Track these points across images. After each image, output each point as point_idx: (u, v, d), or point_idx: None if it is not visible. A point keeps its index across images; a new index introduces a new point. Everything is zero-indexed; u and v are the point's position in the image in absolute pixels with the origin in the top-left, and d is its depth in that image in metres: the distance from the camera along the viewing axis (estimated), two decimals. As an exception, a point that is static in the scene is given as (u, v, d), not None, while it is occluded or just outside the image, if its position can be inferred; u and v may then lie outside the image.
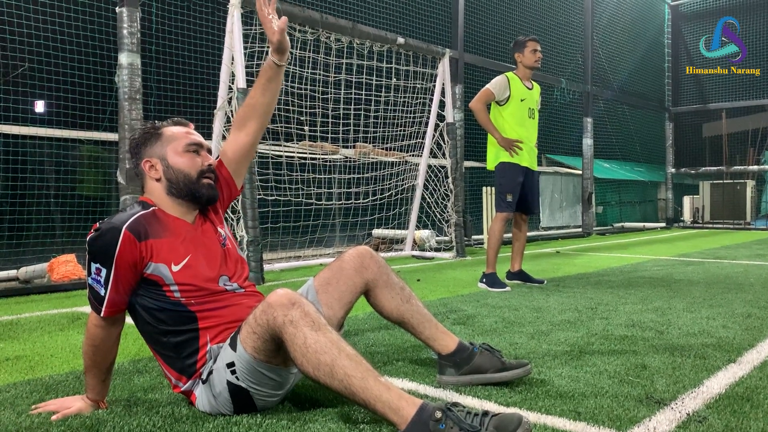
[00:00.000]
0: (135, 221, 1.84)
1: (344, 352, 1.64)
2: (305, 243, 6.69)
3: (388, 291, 2.20)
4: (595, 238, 10.84)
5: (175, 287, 1.88)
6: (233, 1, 5.27)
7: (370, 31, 6.54)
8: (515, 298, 4.21)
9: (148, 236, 1.85)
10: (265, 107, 2.14)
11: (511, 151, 4.75)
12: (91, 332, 1.89)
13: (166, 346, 1.93)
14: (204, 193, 1.99)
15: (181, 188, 1.96)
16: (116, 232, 1.80)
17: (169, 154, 1.98)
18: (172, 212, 1.97)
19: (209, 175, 2.01)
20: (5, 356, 2.76)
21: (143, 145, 2.00)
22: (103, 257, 1.80)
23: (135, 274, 1.85)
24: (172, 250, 1.88)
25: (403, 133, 7.33)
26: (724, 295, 4.20)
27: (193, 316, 1.90)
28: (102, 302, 1.83)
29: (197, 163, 1.99)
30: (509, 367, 2.18)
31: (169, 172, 1.97)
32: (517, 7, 10.88)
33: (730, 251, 7.68)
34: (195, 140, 2.02)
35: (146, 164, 1.98)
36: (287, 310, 1.67)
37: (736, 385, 2.18)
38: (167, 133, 2.01)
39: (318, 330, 1.65)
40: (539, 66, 5.04)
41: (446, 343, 2.20)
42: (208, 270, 1.94)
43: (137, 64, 5.04)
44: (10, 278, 5.05)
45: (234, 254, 2.07)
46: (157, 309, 1.89)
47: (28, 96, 5.70)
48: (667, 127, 15.07)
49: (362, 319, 3.41)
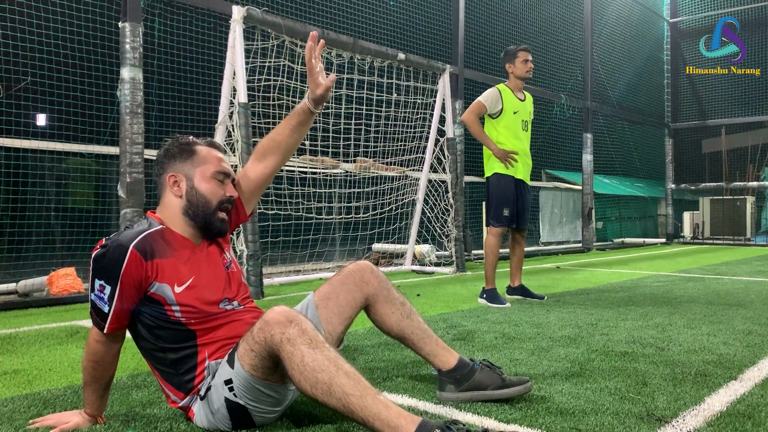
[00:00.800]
0: (142, 240, 1.84)
1: (342, 370, 1.63)
2: (305, 257, 6.69)
3: (388, 306, 2.19)
4: (595, 254, 10.83)
5: (176, 307, 1.87)
6: (235, 16, 5.30)
7: (371, 47, 6.58)
8: (515, 313, 4.19)
9: (155, 255, 1.84)
10: (289, 147, 2.13)
11: (507, 162, 4.71)
12: (92, 347, 1.88)
13: (164, 362, 1.92)
14: (217, 226, 1.98)
15: (198, 213, 1.95)
16: (123, 250, 1.79)
17: (196, 176, 1.96)
18: (181, 231, 1.96)
19: (227, 206, 2.00)
20: (3, 370, 2.74)
21: (174, 158, 1.98)
22: (108, 275, 1.79)
23: (139, 293, 1.84)
24: (176, 270, 1.88)
25: (403, 147, 7.35)
26: (725, 311, 4.19)
27: (193, 333, 1.90)
28: (105, 319, 1.82)
29: (220, 192, 1.98)
30: (509, 384, 2.16)
31: (192, 194, 1.96)
32: (516, 23, 10.96)
33: (730, 267, 7.67)
34: (225, 169, 2.01)
35: (171, 179, 1.97)
36: (284, 328, 1.66)
37: (738, 403, 2.16)
38: (201, 153, 1.99)
39: (315, 348, 1.64)
40: (530, 76, 4.99)
41: (446, 359, 2.19)
42: (210, 293, 1.93)
43: (139, 79, 5.07)
44: (9, 291, 5.04)
45: (238, 277, 2.07)
46: (157, 327, 1.89)
47: (30, 109, 5.72)
48: (666, 143, 15.13)
49: (362, 335, 3.40)
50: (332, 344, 2.07)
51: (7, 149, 5.23)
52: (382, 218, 7.29)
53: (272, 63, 5.65)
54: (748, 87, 14.24)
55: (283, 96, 5.77)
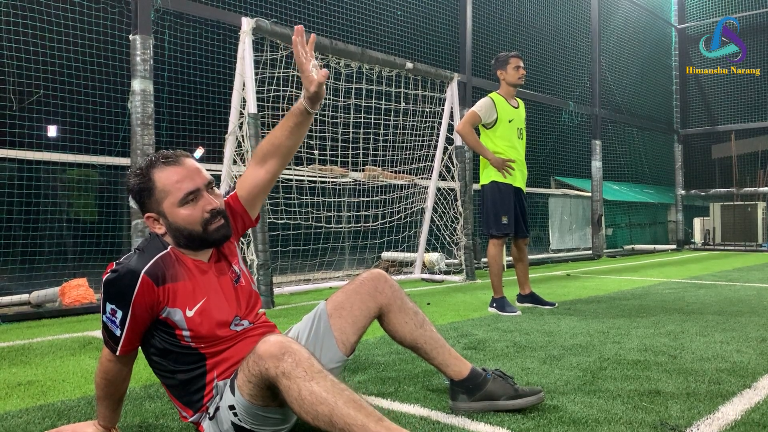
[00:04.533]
0: (154, 265, 1.81)
1: (342, 399, 1.58)
2: (315, 266, 6.70)
3: (402, 316, 2.17)
4: (605, 261, 10.78)
5: (186, 332, 1.85)
6: (244, 28, 5.35)
7: (379, 56, 6.61)
8: (526, 322, 4.18)
9: (166, 280, 1.81)
10: (288, 149, 2.06)
11: (504, 171, 4.67)
12: (104, 366, 1.89)
13: (173, 382, 1.92)
14: (215, 238, 1.91)
15: (189, 241, 1.89)
16: (135, 276, 1.76)
17: (167, 212, 1.87)
18: (187, 254, 1.92)
19: (216, 219, 1.90)
20: (17, 381, 2.76)
21: (140, 199, 1.90)
22: (119, 300, 1.78)
23: (151, 317, 1.82)
24: (187, 294, 1.85)
25: (412, 156, 7.37)
26: (738, 318, 4.16)
27: (203, 356, 1.88)
28: (118, 342, 1.82)
29: (198, 214, 1.86)
30: (522, 394, 2.16)
31: (172, 229, 1.88)
32: (524, 30, 10.97)
33: (742, 274, 7.62)
34: (190, 189, 1.85)
35: (149, 219, 1.91)
36: (278, 362, 1.60)
37: (752, 411, 2.15)
38: (158, 185, 1.86)
39: (312, 379, 1.59)
40: (522, 83, 4.89)
41: (459, 369, 2.18)
42: (220, 314, 1.90)
43: (150, 90, 5.12)
44: (22, 302, 5.07)
45: (247, 290, 2.02)
46: (167, 350, 1.88)
47: (43, 122, 5.77)
48: (676, 149, 15.06)
49: (372, 344, 3.40)
50: (347, 352, 2.07)
51: (20, 161, 5.28)
52: (392, 227, 7.30)
53: (281, 74, 5.69)
54: (757, 92, 14.18)
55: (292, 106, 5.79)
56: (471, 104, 8.26)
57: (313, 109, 2.00)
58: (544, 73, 11.29)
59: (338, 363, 2.05)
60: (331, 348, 2.04)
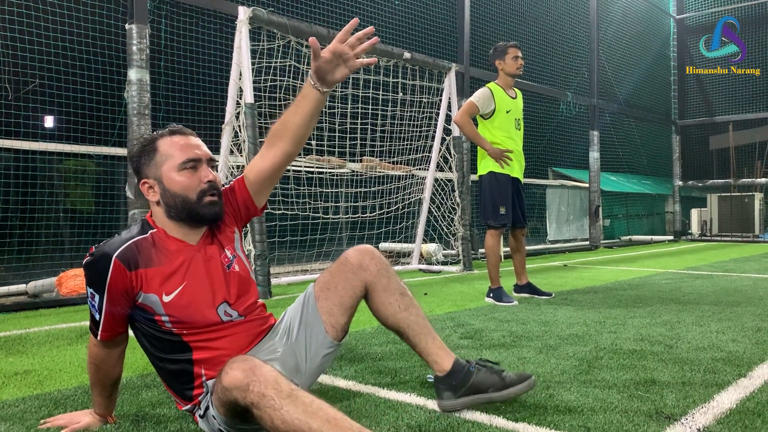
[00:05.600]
0: (126, 249, 1.77)
1: (317, 422, 1.51)
2: (312, 257, 6.70)
3: (385, 295, 2.04)
4: (602, 252, 10.80)
5: (165, 317, 1.82)
6: (241, 17, 5.32)
7: (377, 46, 6.58)
8: (523, 311, 4.19)
9: (138, 266, 1.77)
10: (297, 128, 1.92)
11: (502, 161, 4.65)
12: (92, 351, 1.89)
13: (164, 371, 1.91)
14: (206, 213, 1.85)
15: (181, 212, 1.84)
16: (107, 260, 1.74)
17: (164, 175, 1.83)
18: (175, 233, 1.87)
19: (212, 192, 1.86)
20: (14, 371, 2.76)
21: (140, 163, 1.87)
22: (95, 284, 1.77)
23: (128, 301, 1.80)
24: (164, 279, 1.80)
25: (409, 146, 7.36)
26: (734, 308, 4.18)
27: (186, 346, 1.85)
28: (98, 326, 1.82)
29: (195, 182, 1.84)
30: (510, 383, 2.07)
31: (167, 196, 1.84)
32: (522, 20, 10.94)
33: (738, 264, 7.64)
34: (191, 156, 1.85)
35: (144, 186, 1.87)
36: (244, 393, 1.55)
37: (747, 400, 2.16)
38: (162, 148, 1.85)
39: (282, 407, 1.51)
40: (521, 73, 4.87)
41: (441, 361, 2.07)
42: (203, 299, 1.84)
43: (146, 80, 5.09)
44: (19, 292, 5.07)
45: (240, 276, 1.95)
46: (152, 336, 1.87)
47: (38, 112, 5.75)
48: (674, 139, 15.07)
49: (370, 333, 3.40)
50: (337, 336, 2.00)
51: (15, 151, 5.26)
52: (389, 217, 7.30)
53: (278, 63, 5.67)
54: (755, 83, 14.17)
55: (289, 96, 5.78)
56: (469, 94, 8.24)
57: (321, 84, 1.87)
58: (543, 63, 11.27)
59: (329, 349, 1.99)
60: (320, 333, 1.98)
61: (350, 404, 2.19)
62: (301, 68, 5.86)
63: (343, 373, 2.61)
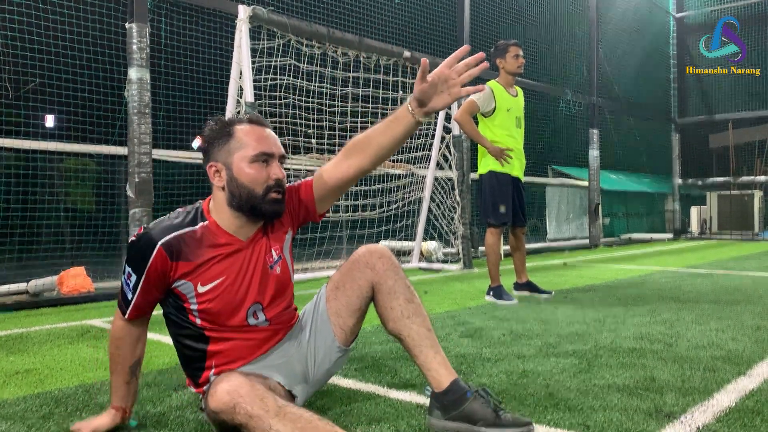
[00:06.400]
0: (173, 239, 1.79)
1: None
2: (313, 255, 6.70)
3: (389, 299, 1.95)
4: (602, 250, 10.81)
5: (195, 306, 1.84)
6: (241, 16, 5.31)
7: (377, 45, 6.58)
8: (523, 310, 4.20)
9: (180, 257, 1.80)
10: (380, 148, 1.87)
11: (502, 160, 4.65)
12: (115, 326, 1.90)
13: (180, 352, 1.95)
14: (268, 209, 1.85)
15: (243, 203, 1.83)
16: (152, 245, 1.77)
17: (234, 163, 1.82)
18: (228, 225, 1.86)
19: (277, 189, 1.85)
20: (15, 370, 2.77)
21: (213, 145, 1.86)
22: (135, 265, 1.80)
23: (165, 285, 1.83)
24: (204, 270, 1.82)
25: (409, 145, 7.35)
26: (733, 307, 4.19)
27: (206, 338, 1.88)
28: (128, 305, 1.84)
29: (264, 176, 1.83)
30: (504, 423, 1.84)
31: (233, 184, 1.83)
32: (522, 19, 10.93)
33: (738, 262, 7.65)
34: (266, 149, 1.83)
35: (211, 169, 1.86)
36: (232, 415, 1.57)
37: (747, 399, 2.17)
38: (238, 135, 1.84)
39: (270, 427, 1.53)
40: (522, 72, 4.86)
41: (439, 377, 1.92)
42: (236, 297, 1.85)
43: (146, 79, 5.09)
44: (20, 291, 5.07)
45: (279, 279, 1.94)
46: (177, 321, 1.90)
47: (39, 111, 5.75)
48: (673, 138, 15.06)
49: (370, 332, 3.41)
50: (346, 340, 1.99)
51: (16, 150, 5.27)
52: (389, 216, 7.30)
53: (278, 62, 5.67)
54: (754, 81, 14.17)
55: (289, 95, 5.78)
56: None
57: (418, 111, 1.79)
58: (542, 61, 11.26)
59: (338, 354, 2.00)
60: (328, 337, 1.99)
61: (351, 403, 2.20)
62: (301, 67, 5.87)
63: (343, 372, 2.61)
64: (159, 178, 5.76)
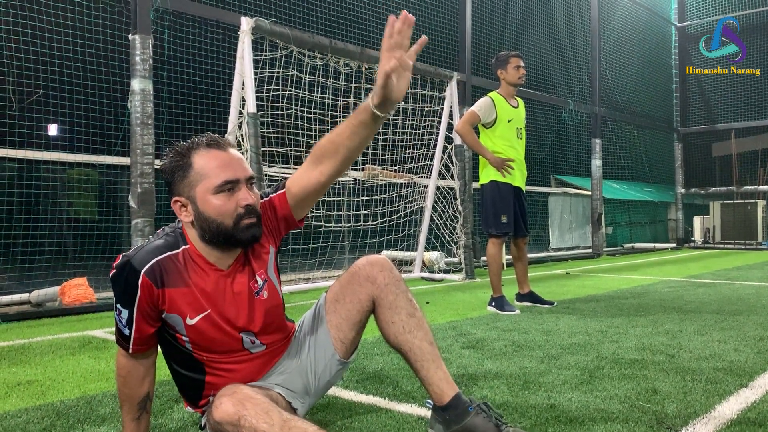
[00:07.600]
0: (155, 265, 1.71)
1: None
2: (315, 265, 6.70)
3: (390, 313, 1.90)
4: (605, 259, 10.79)
5: (186, 338, 1.79)
6: (244, 27, 5.35)
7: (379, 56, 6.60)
8: (525, 320, 4.19)
9: (165, 284, 1.71)
10: (348, 151, 1.75)
11: (503, 170, 4.66)
12: (120, 363, 1.83)
13: (176, 375, 1.91)
14: (244, 237, 1.74)
15: (215, 236, 1.73)
16: (135, 276, 1.69)
17: (198, 197, 1.71)
18: (207, 256, 1.78)
19: (249, 216, 1.73)
20: (17, 381, 2.77)
21: (173, 178, 1.74)
22: (123, 300, 1.72)
23: (157, 317, 1.76)
24: (189, 302, 1.75)
25: (411, 155, 7.37)
26: (736, 317, 4.17)
27: (202, 367, 1.83)
28: (128, 341, 1.76)
29: (232, 206, 1.71)
30: None
31: (201, 219, 1.72)
32: (524, 29, 10.97)
33: (741, 272, 7.63)
34: (229, 177, 1.70)
35: (176, 204, 1.75)
36: (236, 428, 1.55)
37: (749, 410, 2.16)
38: (197, 166, 1.71)
39: None
40: (523, 83, 4.87)
41: (441, 392, 1.88)
42: (226, 327, 1.80)
43: (149, 90, 5.12)
44: (22, 302, 5.08)
45: (267, 305, 1.86)
46: (170, 346, 1.85)
47: (42, 121, 5.78)
48: (676, 147, 15.07)
49: (371, 343, 3.40)
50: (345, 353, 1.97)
51: (20, 161, 5.29)
52: (391, 225, 7.31)
53: (281, 73, 5.70)
54: (757, 90, 14.18)
55: (291, 105, 5.81)
56: (470, 103, 8.27)
57: (380, 109, 1.68)
58: (544, 71, 11.29)
59: (338, 367, 1.98)
60: (328, 350, 1.96)
61: (352, 416, 2.19)
62: (303, 78, 5.89)
63: (344, 384, 2.61)
64: (161, 188, 5.77)
